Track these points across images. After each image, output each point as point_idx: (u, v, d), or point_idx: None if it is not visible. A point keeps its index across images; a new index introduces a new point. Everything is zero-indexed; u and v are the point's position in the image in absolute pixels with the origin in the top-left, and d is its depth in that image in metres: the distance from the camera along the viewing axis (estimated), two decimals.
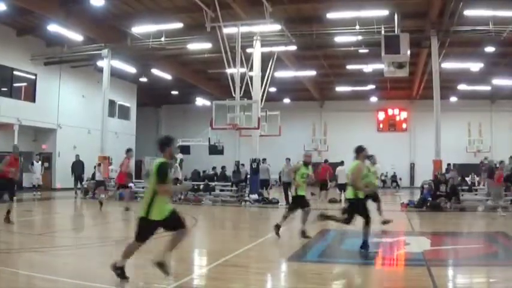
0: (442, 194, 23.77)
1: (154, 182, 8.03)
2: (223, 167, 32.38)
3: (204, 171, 34.29)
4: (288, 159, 27.29)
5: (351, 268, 10.59)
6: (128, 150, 21.41)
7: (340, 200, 26.38)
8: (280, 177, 33.98)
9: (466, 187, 27.40)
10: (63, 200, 28.66)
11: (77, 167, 32.07)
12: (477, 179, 33.09)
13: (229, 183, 29.25)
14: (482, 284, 9.48)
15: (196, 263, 11.45)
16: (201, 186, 27.90)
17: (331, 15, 26.48)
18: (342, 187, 25.96)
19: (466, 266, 10.72)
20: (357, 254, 11.64)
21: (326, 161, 30.39)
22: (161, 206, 8.06)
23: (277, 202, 26.10)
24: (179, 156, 27.86)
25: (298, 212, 14.34)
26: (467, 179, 31.57)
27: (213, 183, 28.87)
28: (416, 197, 27.20)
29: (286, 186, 24.68)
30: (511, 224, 18.18)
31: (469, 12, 24.68)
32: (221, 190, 28.49)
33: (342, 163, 27.48)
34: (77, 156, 32.62)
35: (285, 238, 14.08)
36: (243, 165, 32.39)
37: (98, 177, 27.11)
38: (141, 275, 8.62)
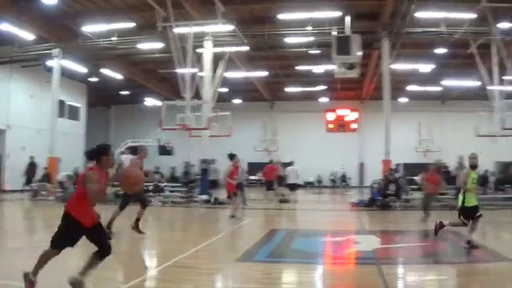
0: (391, 193, 23.98)
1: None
2: (172, 168, 32.07)
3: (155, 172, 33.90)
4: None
5: (301, 267, 10.47)
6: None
7: (290, 200, 26.36)
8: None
9: (415, 186, 27.73)
10: (12, 201, 27.95)
11: (31, 169, 31.37)
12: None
13: (179, 184, 28.91)
14: (432, 282, 9.48)
15: (146, 264, 11.19)
16: (150, 187, 27.51)
17: (283, 16, 26.47)
18: (292, 187, 25.96)
19: (415, 264, 10.75)
20: (306, 253, 11.58)
21: (271, 161, 30.28)
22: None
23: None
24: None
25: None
26: (416, 178, 31.90)
27: (162, 184, 28.51)
28: (366, 196, 27.39)
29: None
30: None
31: (420, 14, 24.95)
32: (171, 191, 28.15)
33: (291, 163, 27.42)
34: (32, 157, 31.94)
35: (235, 239, 13.93)
36: (193, 165, 32.10)
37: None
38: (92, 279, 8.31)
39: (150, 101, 47.16)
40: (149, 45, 30.71)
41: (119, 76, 38.88)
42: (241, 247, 12.51)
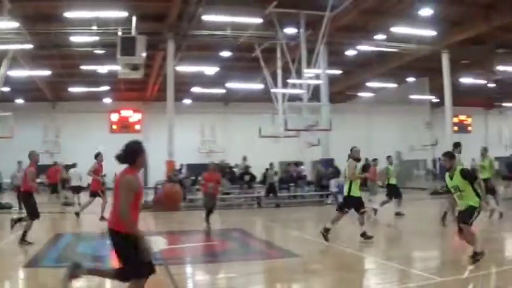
0: None
1: None
2: None
3: None
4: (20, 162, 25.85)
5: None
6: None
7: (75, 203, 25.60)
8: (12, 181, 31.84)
9: (199, 186, 28.21)
10: None
11: None
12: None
13: None
14: (221, 280, 9.71)
15: None
16: None
17: (69, 14, 25.55)
18: (75, 189, 25.22)
19: (204, 263, 10.98)
20: (93, 256, 11.31)
21: (55, 163, 29.25)
22: None
23: (10, 207, 24.59)
24: None
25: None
26: (199, 178, 32.41)
27: None
28: (150, 197, 27.20)
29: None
30: (247, 220, 19.03)
31: (207, 17, 25.21)
32: None
33: (74, 165, 26.61)
34: None
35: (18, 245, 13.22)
36: None
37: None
38: None
39: None
40: None
41: None
42: (27, 253, 11.92)
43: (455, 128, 44.85)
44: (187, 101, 44.97)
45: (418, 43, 30.51)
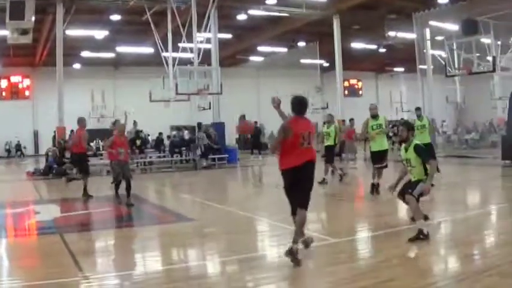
0: (67, 160, 23.82)
1: None
2: None
3: None
4: None
5: None
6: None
7: None
8: None
9: (91, 152, 27.94)
10: None
11: None
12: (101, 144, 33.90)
13: None
14: (116, 246, 9.78)
15: None
16: None
17: None
18: None
19: (99, 230, 11.01)
20: None
21: None
22: None
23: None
24: None
25: None
26: (91, 144, 32.02)
27: None
28: (42, 164, 26.76)
29: None
30: (140, 185, 19.01)
31: None
32: None
33: None
34: None
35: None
36: None
37: None
38: None
39: None
40: None
41: None
42: None
43: (346, 92, 46.15)
44: (77, 66, 43.97)
45: (309, 8, 31.06)
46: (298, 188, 7.75)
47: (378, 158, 14.38)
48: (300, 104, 7.97)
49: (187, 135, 29.48)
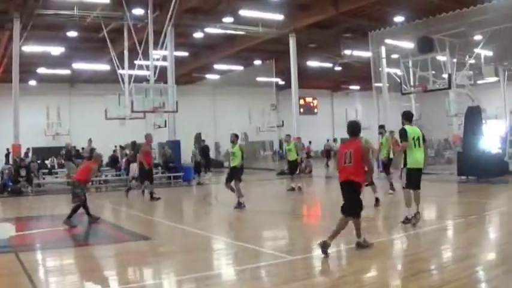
0: (22, 178, 23.66)
1: None
2: None
3: None
4: None
5: None
6: None
7: None
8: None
9: (47, 170, 27.78)
10: None
11: None
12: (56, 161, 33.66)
13: None
14: (72, 265, 9.80)
15: None
16: None
17: None
18: None
19: (54, 249, 10.95)
20: None
21: None
22: None
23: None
24: None
25: None
26: (47, 162, 31.80)
27: None
28: None
29: None
30: (95, 204, 18.94)
31: None
32: None
33: None
34: None
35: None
36: None
37: None
38: None
39: None
40: None
41: None
42: None
43: (302, 110, 46.56)
44: (32, 83, 43.44)
45: (266, 26, 31.40)
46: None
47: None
48: (348, 127, 10.00)
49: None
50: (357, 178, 9.29)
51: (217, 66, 43.11)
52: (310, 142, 27.06)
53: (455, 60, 27.30)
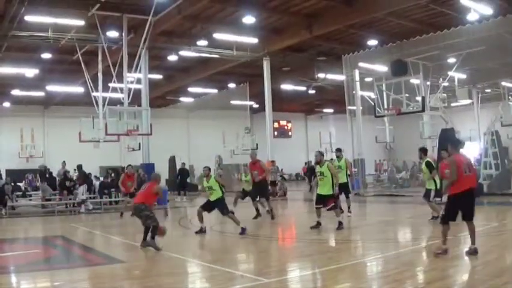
0: None
1: None
2: None
3: None
4: None
5: None
6: None
7: None
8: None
9: (20, 192, 27.63)
10: None
11: None
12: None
13: None
14: None
15: None
16: None
17: None
18: None
19: (27, 272, 10.87)
20: None
21: None
22: None
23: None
24: None
25: None
26: (20, 184, 31.59)
27: None
28: None
29: None
30: (68, 227, 18.90)
31: (30, 18, 24.38)
32: None
33: None
34: None
35: None
36: None
37: None
38: None
39: None
40: None
41: None
42: None
43: (276, 133, 46.77)
44: (6, 104, 43.30)
45: (240, 50, 31.60)
46: None
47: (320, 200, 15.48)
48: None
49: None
50: None
51: (191, 89, 43.27)
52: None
53: (429, 83, 27.78)
